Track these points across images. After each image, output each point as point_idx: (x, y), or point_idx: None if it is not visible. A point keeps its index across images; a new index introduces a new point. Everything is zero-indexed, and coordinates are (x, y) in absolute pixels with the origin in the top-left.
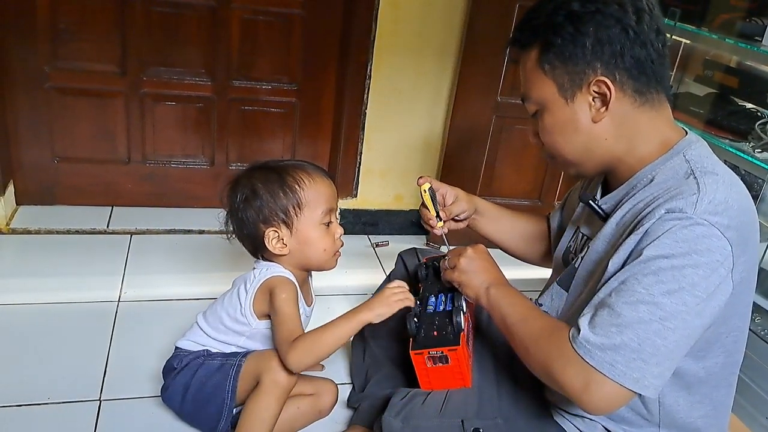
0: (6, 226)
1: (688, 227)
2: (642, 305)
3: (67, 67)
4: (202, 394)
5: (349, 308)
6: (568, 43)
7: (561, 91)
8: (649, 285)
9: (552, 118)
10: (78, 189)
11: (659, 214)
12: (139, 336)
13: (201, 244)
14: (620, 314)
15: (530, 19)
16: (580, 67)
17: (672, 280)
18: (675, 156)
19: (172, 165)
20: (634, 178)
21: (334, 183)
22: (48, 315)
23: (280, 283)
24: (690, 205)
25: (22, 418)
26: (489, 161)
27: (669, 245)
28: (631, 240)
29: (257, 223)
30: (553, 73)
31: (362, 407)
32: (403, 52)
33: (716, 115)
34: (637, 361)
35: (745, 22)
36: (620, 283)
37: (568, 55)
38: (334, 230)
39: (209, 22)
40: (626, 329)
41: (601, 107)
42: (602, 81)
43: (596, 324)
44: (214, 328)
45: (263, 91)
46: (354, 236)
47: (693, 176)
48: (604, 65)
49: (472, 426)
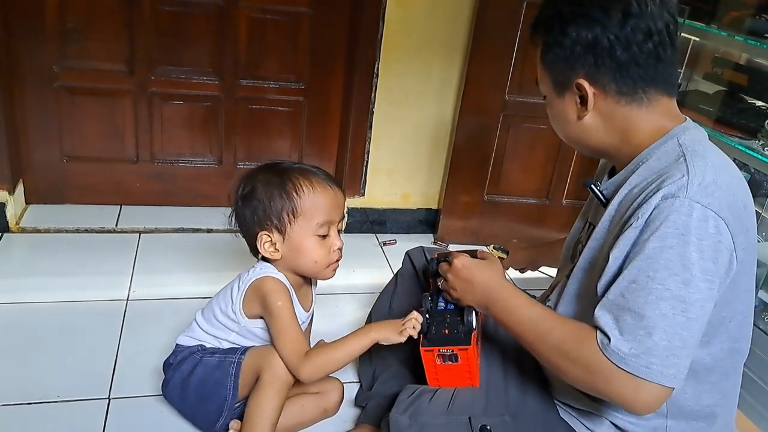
0: (16, 225)
1: (684, 213)
2: (663, 302)
3: (76, 67)
4: (202, 391)
5: (356, 307)
6: (554, 43)
7: (554, 86)
8: (663, 279)
9: (550, 108)
10: (87, 188)
11: (655, 203)
12: (147, 334)
13: (209, 242)
14: (644, 315)
15: (539, 14)
16: (564, 67)
17: (684, 270)
18: (669, 140)
19: (181, 164)
20: (632, 163)
21: (341, 191)
22: (57, 314)
23: (273, 288)
24: (681, 188)
25: (32, 415)
26: (497, 160)
27: (671, 234)
28: (631, 233)
29: (252, 223)
30: (549, 69)
31: (369, 406)
32: (410, 50)
33: (725, 113)
34: (671, 358)
35: (755, 19)
36: (632, 281)
37: (555, 56)
38: (330, 243)
39: (217, 21)
40: (654, 329)
41: (584, 107)
42: (581, 84)
43: (623, 329)
44: (208, 321)
45: (271, 90)
46: (361, 235)
47: (683, 158)
48: (585, 68)
49: (480, 423)
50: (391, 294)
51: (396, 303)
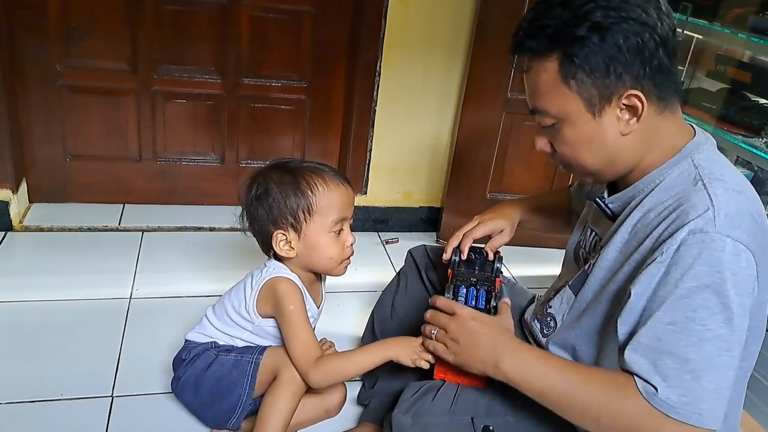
0: (19, 224)
1: (717, 249)
2: (706, 343)
3: (79, 65)
4: (217, 389)
5: (358, 305)
6: (595, 55)
7: (588, 106)
8: (704, 320)
9: (575, 133)
10: (90, 186)
11: (681, 238)
12: (150, 333)
13: (212, 240)
14: (688, 359)
15: (542, 25)
16: (609, 80)
17: (723, 309)
18: (683, 160)
19: (183, 162)
20: (641, 181)
21: (352, 188)
22: (60, 312)
23: (286, 290)
24: (709, 222)
25: (35, 413)
26: (499, 158)
27: (705, 272)
28: (655, 268)
29: (267, 222)
30: (578, 87)
31: (372, 404)
32: (412, 49)
33: (729, 111)
34: (719, 400)
35: (758, 16)
36: (669, 323)
37: (596, 69)
38: (344, 239)
39: (219, 20)
40: (701, 373)
41: (631, 119)
42: (634, 94)
43: (667, 375)
44: (221, 320)
45: (273, 88)
46: (364, 233)
47: (701, 183)
48: (634, 76)
49: (482, 423)
50: (394, 292)
51: (398, 301)
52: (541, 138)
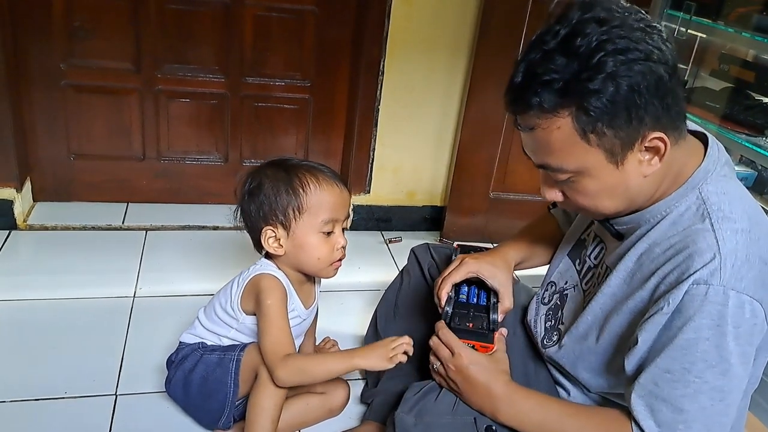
0: (23, 223)
1: (720, 303)
2: (701, 395)
3: (83, 65)
4: (204, 389)
5: (361, 304)
6: (614, 105)
7: (610, 156)
8: (701, 372)
9: (597, 184)
10: (94, 185)
11: (685, 288)
12: (154, 332)
13: (215, 240)
14: (683, 409)
15: (547, 80)
16: (632, 127)
17: (722, 361)
18: (690, 192)
19: (187, 162)
20: (648, 211)
21: (347, 189)
22: (64, 311)
23: (268, 286)
24: (714, 274)
25: (39, 412)
26: (502, 157)
27: (706, 325)
28: (660, 318)
29: (258, 218)
30: (599, 140)
31: (375, 403)
32: (415, 48)
33: (732, 110)
34: None
35: (762, 15)
36: (665, 371)
37: (616, 118)
38: (334, 241)
39: (223, 19)
40: (694, 422)
41: (652, 159)
42: (657, 137)
43: (661, 422)
44: (210, 319)
45: (276, 87)
46: (367, 232)
47: (709, 221)
48: (654, 116)
49: (485, 424)
50: (397, 291)
51: (401, 300)
52: (551, 190)
